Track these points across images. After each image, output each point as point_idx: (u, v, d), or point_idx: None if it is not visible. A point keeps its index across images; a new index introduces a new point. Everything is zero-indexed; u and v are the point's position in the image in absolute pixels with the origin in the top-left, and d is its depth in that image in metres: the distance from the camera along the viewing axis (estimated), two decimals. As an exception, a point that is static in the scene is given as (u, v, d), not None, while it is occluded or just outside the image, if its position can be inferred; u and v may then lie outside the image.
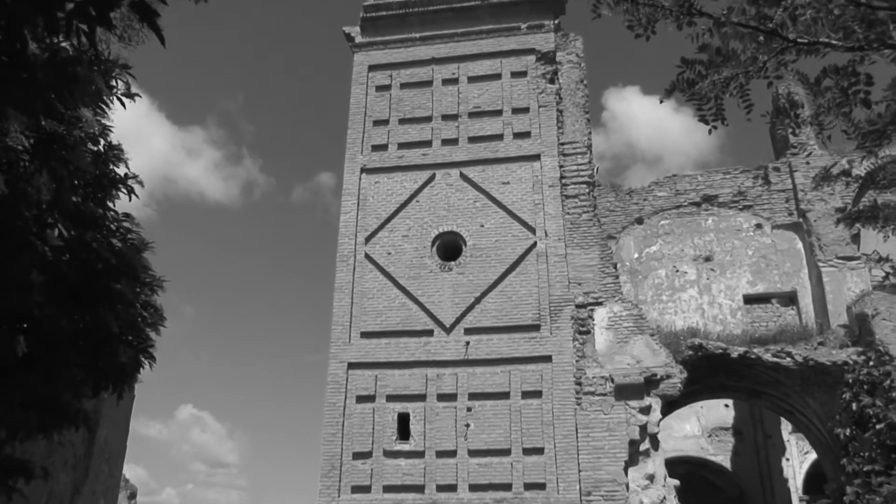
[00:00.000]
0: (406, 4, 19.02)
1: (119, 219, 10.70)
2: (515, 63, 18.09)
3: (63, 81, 4.42)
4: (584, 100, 17.82)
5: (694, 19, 4.50)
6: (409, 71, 18.62)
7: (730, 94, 4.74)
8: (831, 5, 4.10)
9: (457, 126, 17.67)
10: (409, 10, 18.98)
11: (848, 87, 4.49)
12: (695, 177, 21.59)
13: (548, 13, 18.42)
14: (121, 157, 10.62)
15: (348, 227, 17.27)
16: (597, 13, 4.62)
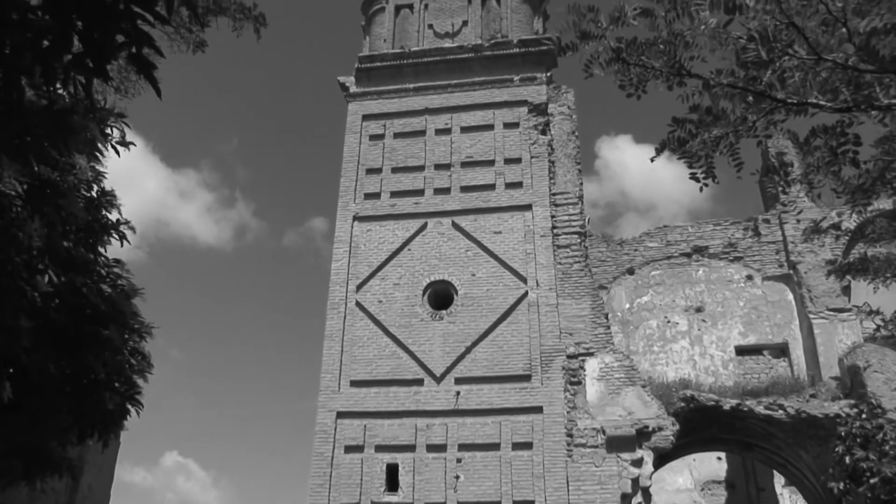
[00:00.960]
0: (400, 56, 19.31)
1: (110, 264, 10.70)
2: (508, 114, 18.31)
3: (59, 132, 4.43)
4: (576, 151, 18.00)
5: (684, 80, 4.58)
6: (402, 121, 18.81)
7: (720, 152, 4.80)
8: (819, 68, 4.18)
9: (449, 175, 17.80)
10: (403, 61, 19.26)
11: (837, 147, 4.55)
12: (685, 228, 21.72)
13: (540, 66, 18.71)
14: (113, 202, 10.64)
15: (340, 274, 17.25)
16: (589, 73, 4.69)
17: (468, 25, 19.90)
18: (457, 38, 19.73)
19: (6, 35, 4.29)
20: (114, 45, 4.21)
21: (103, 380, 10.17)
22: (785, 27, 3.99)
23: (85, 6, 4.16)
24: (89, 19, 4.18)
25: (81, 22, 4.22)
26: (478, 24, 19.82)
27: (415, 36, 19.98)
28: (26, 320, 8.65)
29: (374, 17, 20.92)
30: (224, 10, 10.13)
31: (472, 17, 19.98)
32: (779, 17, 3.93)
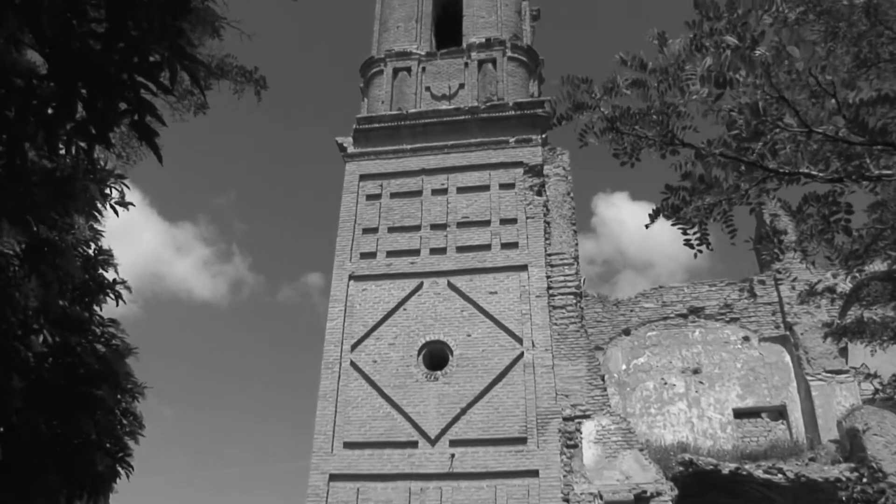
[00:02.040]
0: (398, 117, 19.60)
1: (105, 323, 10.65)
2: (504, 175, 18.50)
3: (60, 197, 4.49)
4: (571, 212, 18.15)
5: (677, 149, 4.67)
6: (399, 181, 18.99)
7: (714, 219, 4.86)
8: (809, 140, 4.27)
9: (445, 235, 17.89)
10: (400, 122, 19.54)
11: (829, 215, 4.62)
12: (681, 288, 21.74)
13: (535, 128, 18.98)
14: (110, 261, 10.65)
15: (335, 334, 17.19)
16: (584, 142, 4.78)
17: (465, 88, 20.25)
18: (453, 101, 20.05)
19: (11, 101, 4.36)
20: (116, 113, 4.29)
21: (94, 441, 10.04)
22: (775, 101, 4.09)
23: (89, 75, 4.24)
24: (93, 87, 4.26)
25: (86, 90, 4.30)
26: (474, 86, 20.16)
27: (412, 98, 20.30)
28: (19, 380, 8.59)
29: (373, 79, 21.29)
30: (226, 73, 10.28)
31: (468, 80, 20.34)
32: (769, 91, 4.03)
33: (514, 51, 20.66)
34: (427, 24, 21.94)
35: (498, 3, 21.51)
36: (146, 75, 4.12)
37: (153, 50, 4.08)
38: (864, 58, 9.46)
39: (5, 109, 4.31)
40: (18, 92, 4.32)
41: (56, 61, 4.24)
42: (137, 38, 4.10)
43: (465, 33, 21.43)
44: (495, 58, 20.43)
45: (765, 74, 3.89)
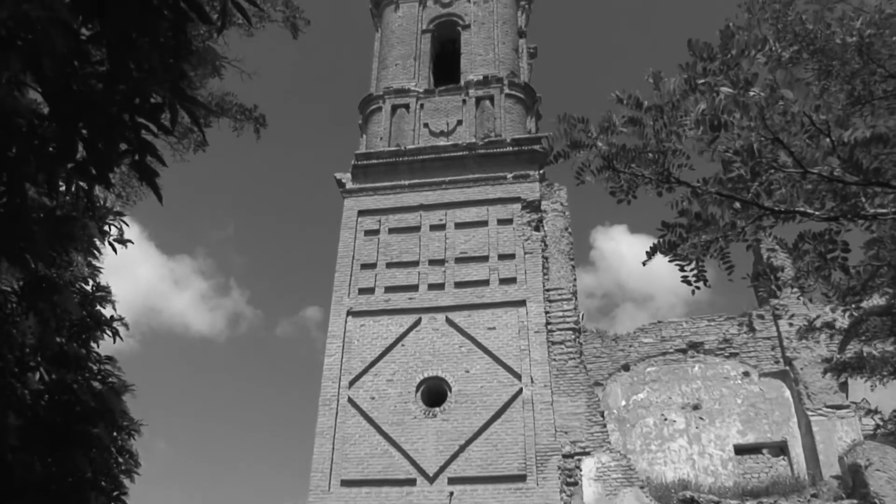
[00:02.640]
0: (396, 154, 19.73)
1: (102, 361, 10.61)
2: (502, 210, 18.58)
3: (59, 238, 4.50)
4: (569, 247, 18.19)
5: (673, 187, 4.71)
6: (397, 216, 19.05)
7: (711, 256, 4.89)
8: (805, 180, 4.31)
9: (443, 271, 17.91)
10: (399, 158, 19.67)
11: (826, 253, 4.64)
12: (680, 323, 21.70)
13: (533, 164, 19.10)
14: (108, 298, 10.65)
15: (332, 370, 17.12)
16: (580, 180, 4.83)
17: (462, 124, 20.42)
18: (451, 137, 20.20)
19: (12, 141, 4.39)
20: (117, 153, 4.32)
21: (89, 479, 9.94)
22: (770, 142, 4.14)
23: (90, 115, 4.28)
24: (94, 128, 4.29)
25: (86, 130, 4.34)
26: (472, 123, 20.32)
27: (410, 134, 20.45)
28: (15, 418, 8.54)
29: (372, 115, 21.47)
30: (226, 111, 10.39)
31: (466, 116, 20.51)
32: (763, 133, 4.08)
33: (512, 88, 20.87)
34: (425, 62, 22.19)
35: (495, 41, 21.77)
36: (147, 116, 4.16)
37: (154, 91, 4.12)
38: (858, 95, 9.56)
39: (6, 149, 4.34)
40: (20, 132, 4.35)
41: (57, 102, 4.29)
42: (139, 80, 4.14)
43: (462, 71, 21.66)
44: (493, 95, 20.63)
45: (759, 117, 3.94)
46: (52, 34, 3.65)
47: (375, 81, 22.43)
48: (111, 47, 4.29)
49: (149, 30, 4.21)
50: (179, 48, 4.18)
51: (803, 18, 8.99)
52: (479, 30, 22.11)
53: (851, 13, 9.28)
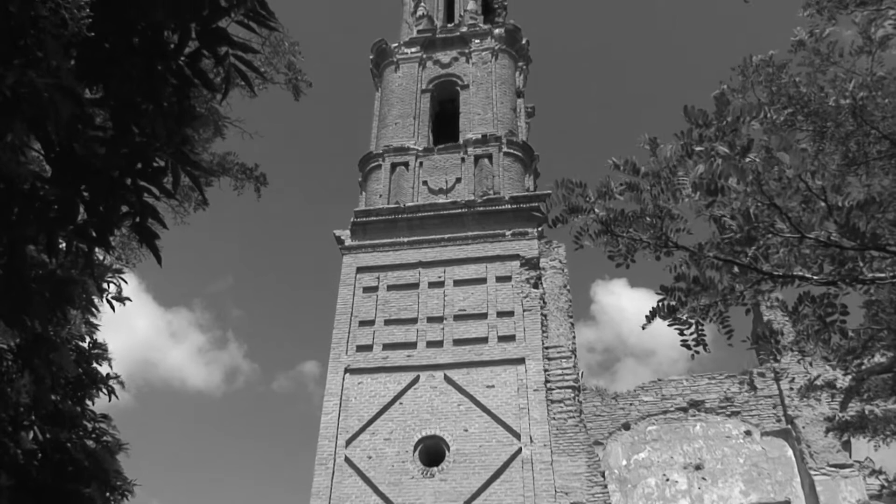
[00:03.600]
0: (395, 211, 19.84)
1: (97, 419, 10.50)
2: (500, 268, 18.61)
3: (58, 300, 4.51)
4: (568, 304, 18.17)
5: (671, 251, 4.74)
6: (396, 273, 19.07)
7: (710, 320, 4.89)
8: (802, 245, 4.35)
9: (442, 328, 17.85)
10: (397, 215, 19.77)
11: (825, 316, 4.65)
12: (680, 381, 21.53)
13: (531, 222, 19.20)
14: (104, 355, 10.59)
15: (329, 428, 16.92)
16: (579, 245, 4.87)
17: (461, 182, 20.58)
18: (450, 194, 20.35)
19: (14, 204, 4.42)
20: (118, 216, 4.34)
21: (80, 542, 9.75)
22: (766, 207, 4.18)
23: (93, 179, 4.32)
24: (96, 191, 4.33)
25: (88, 193, 4.37)
26: (470, 180, 20.49)
27: (410, 192, 20.61)
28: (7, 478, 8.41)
29: (371, 173, 21.66)
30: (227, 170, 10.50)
31: (465, 174, 20.69)
32: (759, 198, 4.13)
33: (510, 146, 21.10)
34: (425, 121, 22.49)
35: (494, 100, 22.09)
36: (149, 180, 4.20)
37: (157, 156, 4.17)
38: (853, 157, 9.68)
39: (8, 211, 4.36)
40: (21, 194, 4.38)
41: (60, 165, 4.33)
42: (142, 144, 4.19)
43: (461, 129, 21.94)
44: (491, 153, 20.85)
45: (755, 182, 3.99)
46: (57, 100, 3.69)
47: (375, 139, 22.70)
48: (115, 111, 4.35)
49: (153, 95, 4.27)
50: (183, 113, 4.24)
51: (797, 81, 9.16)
52: (477, 90, 22.45)
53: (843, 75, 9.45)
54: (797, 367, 19.51)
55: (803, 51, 9.19)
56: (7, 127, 3.99)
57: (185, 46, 4.03)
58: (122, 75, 4.23)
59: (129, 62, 4.20)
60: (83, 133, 4.26)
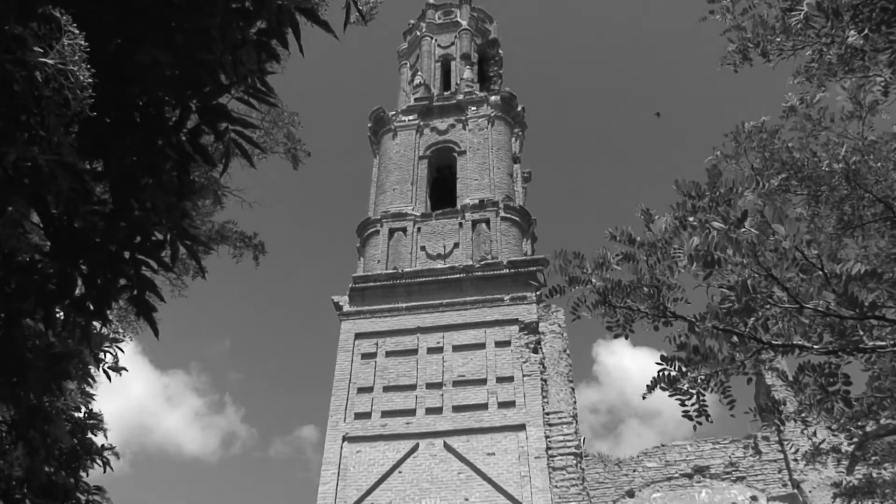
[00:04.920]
0: (393, 276, 19.85)
1: (90, 491, 10.31)
2: (499, 333, 18.51)
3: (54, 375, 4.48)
4: (568, 369, 18.03)
5: (669, 321, 4.73)
6: (394, 339, 18.97)
7: (711, 390, 4.85)
8: (800, 315, 4.34)
9: (441, 395, 17.66)
10: (396, 281, 19.77)
11: (827, 385, 4.61)
12: (684, 446, 21.20)
13: (529, 286, 19.19)
14: (99, 425, 10.46)
15: (327, 498, 16.59)
16: (576, 316, 4.87)
17: (459, 247, 20.64)
18: (448, 260, 20.39)
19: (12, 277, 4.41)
20: (116, 289, 4.34)
21: None
22: (763, 278, 4.19)
23: (92, 252, 4.33)
24: (94, 265, 4.33)
25: (86, 266, 4.37)
26: (468, 245, 20.56)
27: (408, 257, 20.65)
28: (-4, 556, 8.21)
29: (369, 239, 21.74)
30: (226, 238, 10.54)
31: (462, 239, 20.77)
32: (756, 269, 4.14)
33: (507, 211, 21.24)
34: (422, 187, 22.68)
35: (490, 166, 22.33)
36: (148, 253, 4.21)
37: (156, 230, 4.19)
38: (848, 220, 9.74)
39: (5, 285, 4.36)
40: (20, 268, 4.38)
41: (59, 239, 4.34)
42: (141, 218, 4.21)
43: (459, 195, 22.11)
44: (489, 218, 20.97)
45: (751, 253, 4.01)
46: (58, 176, 3.73)
47: (373, 205, 22.85)
48: (115, 186, 4.38)
49: (153, 169, 4.31)
50: (182, 187, 4.27)
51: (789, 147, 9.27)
52: (474, 155, 22.72)
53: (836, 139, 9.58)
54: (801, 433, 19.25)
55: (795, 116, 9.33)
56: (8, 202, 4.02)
57: (186, 122, 4.09)
58: (123, 150, 4.28)
59: (129, 137, 4.26)
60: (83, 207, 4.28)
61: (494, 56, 27.45)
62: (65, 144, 3.58)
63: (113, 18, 3.90)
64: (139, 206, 4.30)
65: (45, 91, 3.03)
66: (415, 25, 28.37)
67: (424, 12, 28.32)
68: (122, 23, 3.88)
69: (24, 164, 3.79)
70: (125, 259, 4.27)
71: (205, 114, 4.02)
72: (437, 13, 28.16)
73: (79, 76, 2.96)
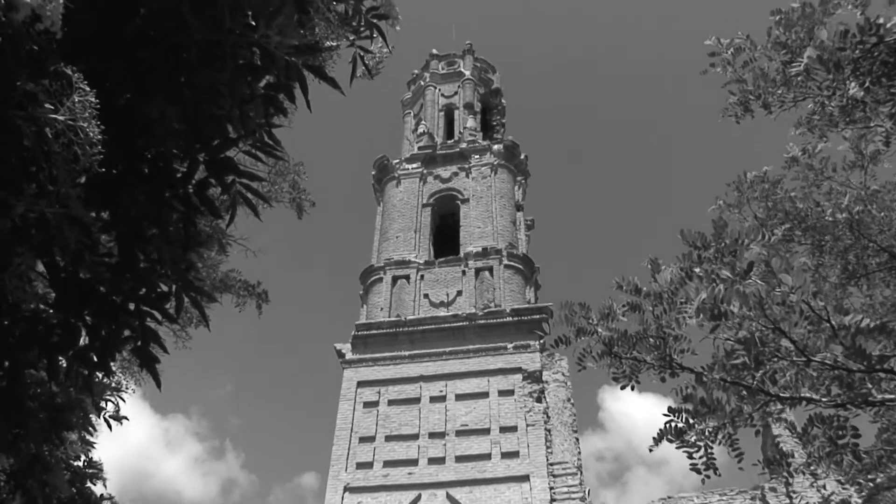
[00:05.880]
0: (396, 324, 19.78)
1: (89, 541, 10.16)
2: (503, 381, 18.37)
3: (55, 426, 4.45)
4: (572, 419, 17.85)
5: (676, 372, 4.70)
6: (397, 388, 18.82)
7: (719, 442, 4.80)
8: (808, 369, 4.31)
9: (444, 444, 17.46)
10: (399, 329, 19.70)
11: (836, 438, 4.56)
12: (691, 498, 20.87)
13: (533, 334, 19.10)
14: (99, 474, 10.34)
15: (328, 551, 16.31)
16: (582, 366, 4.84)
17: (462, 295, 20.60)
18: (451, 307, 20.33)
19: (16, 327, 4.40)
20: (120, 340, 4.32)
21: None
22: (771, 331, 4.17)
23: (96, 303, 4.32)
24: (99, 316, 4.32)
25: (91, 317, 4.37)
26: (472, 293, 20.51)
27: (411, 305, 20.60)
28: None
29: (372, 286, 21.72)
30: (229, 287, 10.54)
31: (465, 287, 20.74)
32: (763, 322, 4.13)
33: (511, 259, 21.24)
34: (426, 235, 22.74)
35: (493, 214, 22.41)
36: (152, 305, 4.20)
37: (161, 281, 4.19)
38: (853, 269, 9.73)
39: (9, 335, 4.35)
40: (24, 319, 4.38)
41: (64, 290, 4.34)
42: (147, 270, 4.22)
43: (462, 242, 22.15)
44: (492, 266, 20.96)
45: (758, 306, 4.00)
46: (65, 229, 3.74)
47: (376, 253, 22.89)
48: (121, 237, 4.39)
49: (159, 221, 4.33)
50: (188, 239, 4.29)
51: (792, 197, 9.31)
52: (477, 203, 22.82)
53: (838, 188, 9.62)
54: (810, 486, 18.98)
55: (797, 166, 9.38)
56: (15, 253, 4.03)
57: (194, 175, 4.12)
58: (130, 202, 4.30)
59: (137, 189, 4.28)
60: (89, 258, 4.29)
61: (497, 105, 27.75)
62: (72, 197, 3.60)
63: (123, 73, 3.95)
64: (145, 257, 4.31)
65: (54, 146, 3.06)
66: (419, 75, 28.75)
67: (428, 62, 28.70)
68: (132, 77, 3.93)
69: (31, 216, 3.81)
70: (130, 310, 4.26)
71: (212, 166, 4.05)
72: (440, 63, 28.55)
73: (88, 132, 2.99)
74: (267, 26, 3.56)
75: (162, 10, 3.77)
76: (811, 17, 5.80)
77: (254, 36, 3.57)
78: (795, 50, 5.80)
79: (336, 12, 4.58)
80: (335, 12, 4.59)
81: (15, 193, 3.65)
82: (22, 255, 3.94)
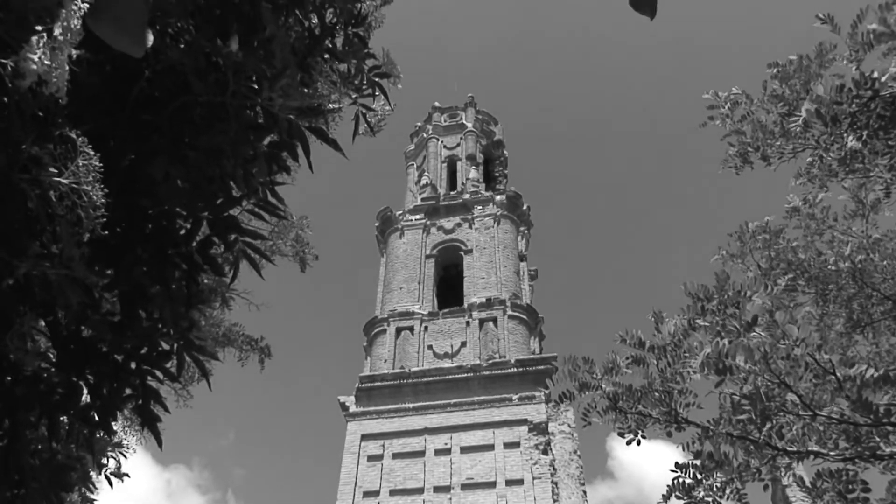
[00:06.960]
0: (400, 376, 19.65)
1: None
2: (508, 433, 18.16)
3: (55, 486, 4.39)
4: (579, 471, 17.60)
5: (682, 426, 4.65)
6: (401, 441, 18.61)
7: (727, 497, 4.72)
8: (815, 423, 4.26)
9: (449, 498, 17.19)
10: (403, 381, 19.56)
11: (846, 492, 4.49)
12: (700, 552, 20.49)
13: (538, 385, 18.94)
14: (99, 533, 10.19)
15: None
16: (587, 422, 4.79)
17: (466, 346, 20.50)
18: (456, 359, 20.22)
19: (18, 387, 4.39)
20: (121, 399, 4.30)
21: None
22: (777, 386, 4.14)
23: (98, 362, 4.32)
24: (100, 375, 4.31)
25: (93, 376, 4.35)
26: (476, 344, 20.41)
27: (415, 356, 20.49)
28: None
29: (376, 338, 21.63)
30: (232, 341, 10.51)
31: (470, 338, 20.64)
32: (769, 376, 4.10)
33: (515, 309, 21.18)
34: (429, 286, 22.73)
35: (497, 265, 22.42)
36: (154, 364, 4.19)
37: (163, 340, 4.18)
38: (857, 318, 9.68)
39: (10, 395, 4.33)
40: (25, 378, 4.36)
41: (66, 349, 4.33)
42: (148, 329, 4.21)
43: (466, 293, 22.12)
44: (496, 316, 20.90)
45: (763, 360, 3.97)
46: (67, 290, 3.75)
47: (380, 305, 22.85)
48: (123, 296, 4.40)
49: (162, 279, 4.34)
50: (191, 296, 4.29)
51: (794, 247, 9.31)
52: (480, 254, 22.85)
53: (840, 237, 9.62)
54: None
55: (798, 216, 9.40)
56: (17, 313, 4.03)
57: (197, 234, 4.14)
58: (133, 260, 4.32)
59: (140, 248, 4.31)
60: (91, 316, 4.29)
61: (499, 156, 28.00)
62: (75, 258, 3.62)
63: (128, 133, 4.01)
64: (147, 315, 4.31)
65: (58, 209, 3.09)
66: (421, 128, 29.07)
67: (431, 115, 29.06)
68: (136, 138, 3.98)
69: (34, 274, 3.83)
70: (131, 369, 4.25)
71: (215, 225, 4.08)
72: (443, 116, 28.89)
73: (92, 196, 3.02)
74: (270, 88, 3.61)
75: (167, 72, 3.84)
76: (807, 71, 5.88)
77: (257, 99, 3.62)
78: (792, 102, 5.87)
79: (339, 72, 4.66)
80: (338, 72, 4.66)
81: (18, 254, 3.67)
82: (24, 315, 3.95)
